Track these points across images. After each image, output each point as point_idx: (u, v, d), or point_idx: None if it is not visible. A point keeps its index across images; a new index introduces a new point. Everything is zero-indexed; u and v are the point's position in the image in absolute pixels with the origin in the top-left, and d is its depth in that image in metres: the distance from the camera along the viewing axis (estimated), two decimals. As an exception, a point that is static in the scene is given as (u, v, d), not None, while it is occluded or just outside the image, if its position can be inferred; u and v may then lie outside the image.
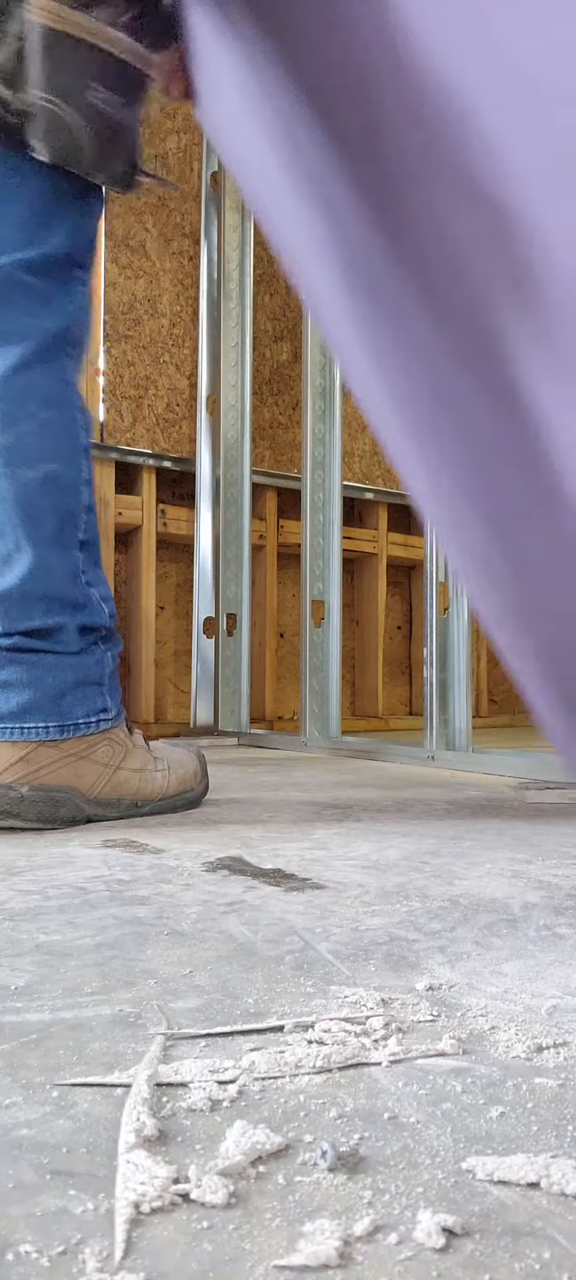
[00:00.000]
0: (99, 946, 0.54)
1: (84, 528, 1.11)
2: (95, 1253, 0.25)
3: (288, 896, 0.67)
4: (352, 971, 0.50)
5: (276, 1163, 0.30)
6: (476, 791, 1.37)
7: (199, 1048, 0.40)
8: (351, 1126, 0.33)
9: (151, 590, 3.13)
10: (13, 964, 0.51)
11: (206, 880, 0.73)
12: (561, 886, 0.71)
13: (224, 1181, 0.29)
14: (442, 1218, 0.27)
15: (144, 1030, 0.41)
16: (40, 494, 1.06)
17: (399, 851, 0.87)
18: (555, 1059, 0.39)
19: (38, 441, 1.06)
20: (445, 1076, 0.37)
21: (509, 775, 1.63)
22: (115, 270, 3.16)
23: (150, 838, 0.94)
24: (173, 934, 0.57)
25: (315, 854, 0.85)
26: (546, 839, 0.94)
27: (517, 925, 0.60)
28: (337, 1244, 0.25)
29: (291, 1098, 0.35)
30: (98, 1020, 0.43)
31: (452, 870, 0.78)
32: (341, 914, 0.63)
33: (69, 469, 1.08)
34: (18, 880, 0.73)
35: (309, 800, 1.29)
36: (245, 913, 0.62)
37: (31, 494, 1.06)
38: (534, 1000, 0.46)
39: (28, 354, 1.06)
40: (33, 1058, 0.39)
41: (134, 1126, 0.32)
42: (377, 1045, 0.40)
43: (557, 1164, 0.29)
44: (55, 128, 0.98)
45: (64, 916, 0.61)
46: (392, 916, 0.62)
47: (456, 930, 0.59)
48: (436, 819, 1.09)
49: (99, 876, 0.74)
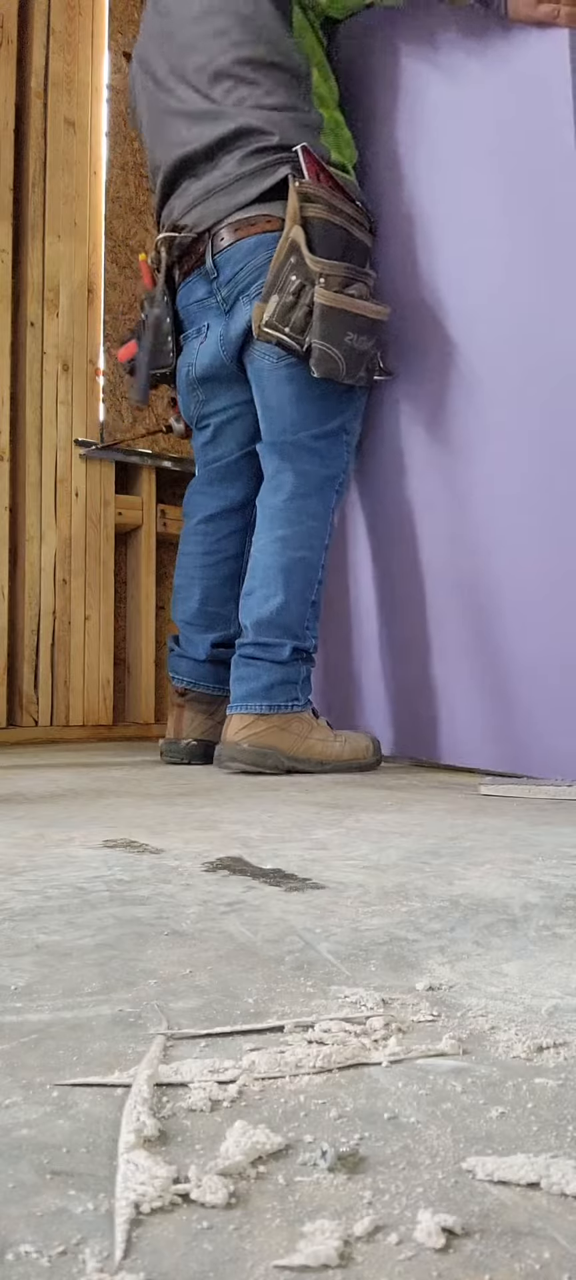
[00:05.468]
0: (99, 946, 0.54)
1: (316, 593, 1.79)
2: (95, 1253, 0.25)
3: (288, 896, 0.67)
4: (353, 971, 0.50)
5: (276, 1163, 0.30)
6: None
7: (199, 1048, 0.40)
8: (351, 1126, 0.33)
9: (151, 590, 3.13)
10: (13, 964, 0.51)
11: (206, 880, 0.73)
12: (561, 886, 0.71)
13: (224, 1181, 0.29)
14: (443, 1218, 0.27)
15: (144, 1030, 0.41)
16: (296, 566, 1.76)
17: (399, 851, 0.87)
18: (555, 1059, 0.39)
19: (301, 539, 1.77)
20: (445, 1077, 0.37)
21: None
22: (115, 270, 3.16)
23: (150, 838, 0.94)
24: (173, 934, 0.57)
25: (315, 854, 0.85)
26: (546, 839, 0.94)
27: (518, 925, 0.60)
28: (338, 1244, 0.25)
29: (291, 1098, 0.35)
30: (98, 1020, 0.43)
31: (452, 870, 0.78)
32: (341, 914, 0.63)
33: (314, 555, 1.78)
34: (18, 880, 0.73)
35: (309, 800, 1.29)
36: (245, 913, 0.62)
37: (291, 564, 1.76)
38: (534, 1000, 0.46)
39: (308, 488, 1.79)
40: (33, 1058, 0.38)
41: (134, 1126, 0.32)
42: (378, 1045, 0.40)
43: (558, 1164, 0.29)
44: (324, 359, 1.69)
45: (64, 916, 0.61)
46: (393, 916, 0.62)
47: (456, 930, 0.59)
48: (436, 819, 1.09)
49: (99, 876, 0.74)
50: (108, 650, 3.03)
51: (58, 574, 2.91)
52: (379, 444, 1.98)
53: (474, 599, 1.72)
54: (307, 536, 1.77)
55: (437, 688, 1.81)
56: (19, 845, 0.89)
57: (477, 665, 1.71)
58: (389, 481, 1.96)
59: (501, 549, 1.66)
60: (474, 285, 1.74)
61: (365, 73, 1.99)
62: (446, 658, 1.79)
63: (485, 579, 1.70)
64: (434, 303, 1.83)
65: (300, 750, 1.72)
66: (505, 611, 1.65)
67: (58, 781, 1.55)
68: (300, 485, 1.78)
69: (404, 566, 1.90)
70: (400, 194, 1.90)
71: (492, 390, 1.69)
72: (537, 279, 1.59)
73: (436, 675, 1.82)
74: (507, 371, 1.66)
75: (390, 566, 1.95)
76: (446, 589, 1.79)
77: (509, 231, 1.65)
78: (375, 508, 2.00)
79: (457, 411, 1.77)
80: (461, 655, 1.75)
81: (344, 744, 1.75)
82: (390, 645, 1.95)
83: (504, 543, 1.65)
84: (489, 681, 1.69)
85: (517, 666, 1.62)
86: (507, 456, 1.65)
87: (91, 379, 3.02)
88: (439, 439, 1.82)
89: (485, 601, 1.70)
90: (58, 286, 2.97)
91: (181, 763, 1.95)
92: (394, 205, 1.91)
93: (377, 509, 2.00)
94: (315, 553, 1.78)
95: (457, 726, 1.77)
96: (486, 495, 1.70)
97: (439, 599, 1.81)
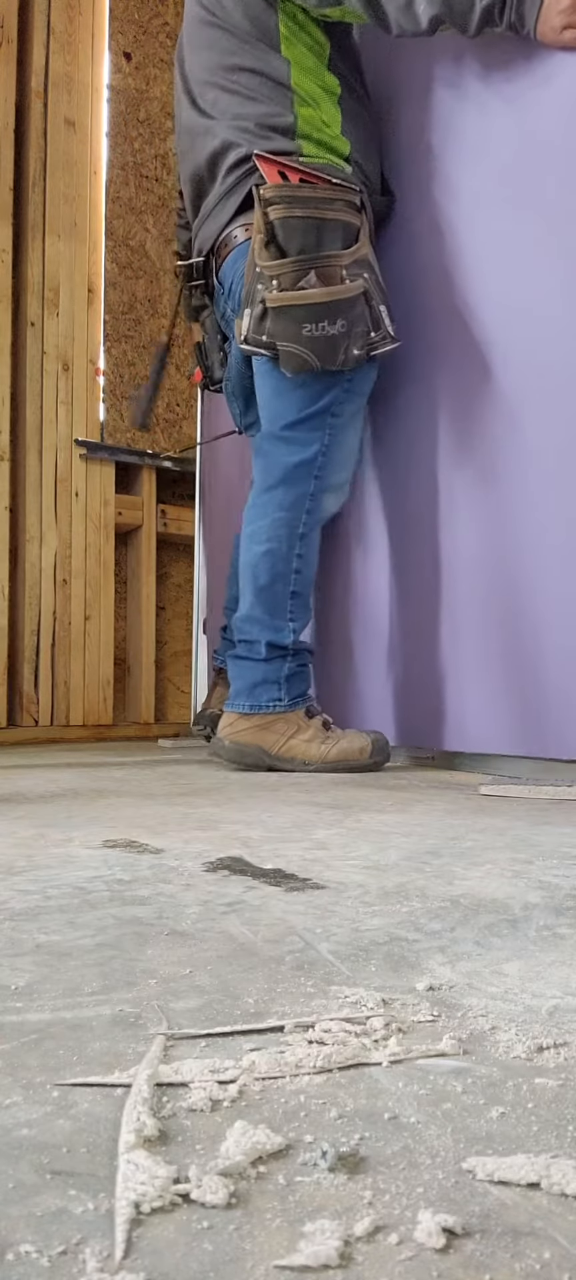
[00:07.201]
0: (99, 946, 0.54)
1: (294, 584, 1.79)
2: (95, 1253, 0.25)
3: (288, 897, 0.67)
4: (353, 971, 0.50)
5: (277, 1163, 0.30)
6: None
7: (199, 1048, 0.40)
8: (352, 1127, 0.33)
9: (151, 590, 3.13)
10: (13, 964, 0.51)
11: (207, 880, 0.73)
12: (561, 887, 0.71)
13: (224, 1181, 0.28)
14: (443, 1218, 0.26)
15: (144, 1030, 0.41)
16: (261, 561, 1.78)
17: (399, 852, 0.87)
18: (555, 1059, 0.39)
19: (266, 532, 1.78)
20: (445, 1077, 0.37)
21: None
22: (115, 270, 3.16)
23: (151, 838, 0.94)
24: (173, 934, 0.57)
25: (315, 854, 0.85)
26: (546, 839, 0.94)
27: (518, 925, 0.60)
28: (338, 1244, 0.25)
29: (292, 1098, 0.35)
30: (98, 1020, 0.43)
31: (453, 870, 0.78)
32: (342, 914, 0.63)
33: (282, 546, 1.77)
34: (18, 880, 0.73)
35: (310, 800, 1.29)
36: (245, 913, 0.62)
37: (256, 559, 1.78)
38: (534, 1000, 0.46)
39: (273, 480, 1.79)
40: (33, 1058, 0.38)
41: (134, 1126, 0.32)
42: (378, 1045, 0.40)
43: (558, 1164, 0.29)
44: (289, 357, 1.72)
45: (64, 916, 0.61)
46: (393, 917, 0.62)
47: (457, 930, 0.59)
48: (437, 819, 1.09)
49: (99, 876, 0.74)
50: (108, 650, 3.03)
51: (58, 574, 2.90)
52: (391, 433, 1.98)
53: (487, 582, 1.71)
54: (273, 528, 1.77)
55: (448, 673, 1.80)
56: (19, 845, 0.89)
57: (490, 648, 1.70)
58: (399, 468, 1.96)
59: (515, 530, 1.65)
60: (488, 272, 1.74)
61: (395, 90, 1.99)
62: (457, 642, 1.79)
63: (498, 562, 1.69)
64: (453, 295, 1.83)
65: (281, 750, 1.75)
66: (520, 593, 1.64)
67: (58, 781, 1.55)
68: (266, 478, 1.80)
69: (414, 552, 1.90)
70: (431, 208, 1.89)
71: (506, 379, 1.69)
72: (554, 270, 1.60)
73: (446, 660, 1.81)
74: (523, 359, 1.66)
75: (401, 552, 1.95)
76: (457, 573, 1.79)
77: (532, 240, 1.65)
78: (385, 495, 2.01)
79: (472, 400, 1.77)
80: (472, 639, 1.74)
81: (333, 745, 1.75)
82: (401, 631, 1.95)
83: (518, 524, 1.65)
84: (501, 664, 1.68)
85: (530, 648, 1.61)
86: (524, 442, 1.65)
87: (91, 379, 3.02)
88: (453, 427, 1.82)
89: (499, 584, 1.69)
90: (58, 286, 2.97)
91: (204, 730, 2.21)
92: (425, 214, 1.91)
93: (388, 496, 2.00)
94: (282, 543, 1.77)
95: (467, 712, 1.76)
96: (500, 479, 1.69)
97: (450, 583, 1.81)
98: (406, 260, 1.94)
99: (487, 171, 1.75)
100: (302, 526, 1.79)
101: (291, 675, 1.78)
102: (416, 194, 1.93)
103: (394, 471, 1.98)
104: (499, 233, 1.72)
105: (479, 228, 1.77)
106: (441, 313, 1.84)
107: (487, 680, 1.70)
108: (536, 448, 1.61)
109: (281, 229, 1.73)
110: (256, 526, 1.79)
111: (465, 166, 1.81)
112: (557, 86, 1.60)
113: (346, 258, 1.74)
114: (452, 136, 1.84)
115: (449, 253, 1.84)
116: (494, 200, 1.73)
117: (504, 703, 1.66)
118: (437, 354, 1.86)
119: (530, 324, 1.64)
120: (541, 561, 1.60)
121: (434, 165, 1.89)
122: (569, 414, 1.55)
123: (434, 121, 1.89)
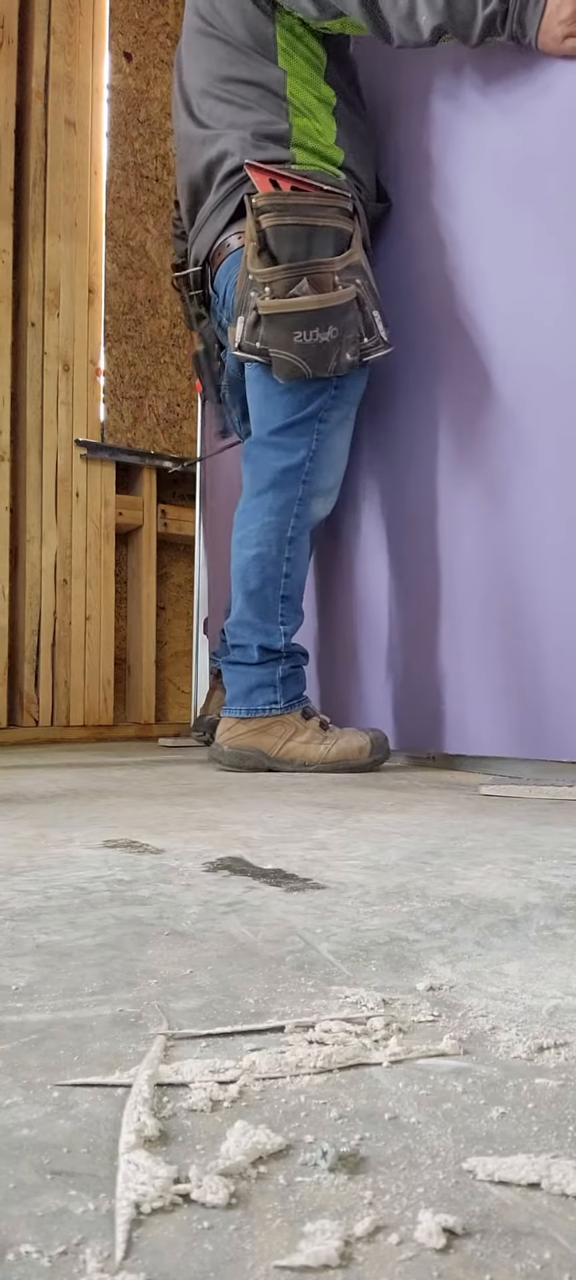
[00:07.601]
0: (100, 947, 0.54)
1: (284, 588, 1.80)
2: (96, 1253, 0.25)
3: (288, 897, 0.67)
4: (353, 972, 0.50)
5: (277, 1163, 0.30)
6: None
7: (199, 1048, 0.40)
8: (352, 1127, 0.33)
9: (152, 591, 3.13)
10: (13, 964, 0.51)
11: (207, 880, 0.73)
12: (562, 887, 0.71)
13: (225, 1182, 0.28)
14: (443, 1218, 0.26)
15: (144, 1030, 0.41)
16: (250, 565, 1.79)
17: (400, 852, 0.87)
18: (556, 1059, 0.39)
19: (255, 536, 1.79)
20: (446, 1077, 0.37)
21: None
22: (115, 270, 3.16)
23: (151, 838, 0.94)
24: (173, 934, 0.57)
25: (316, 854, 0.85)
26: (547, 839, 0.94)
27: (518, 926, 0.60)
28: (338, 1244, 0.25)
29: (292, 1098, 0.35)
30: (98, 1020, 0.43)
31: (453, 870, 0.78)
32: (342, 914, 0.63)
33: (271, 550, 1.78)
34: (18, 880, 0.73)
35: (310, 800, 1.29)
36: (246, 913, 0.62)
37: (245, 564, 1.79)
38: (534, 1001, 0.46)
39: (262, 484, 1.80)
40: (33, 1058, 0.38)
41: (135, 1127, 0.32)
42: (378, 1045, 0.40)
43: (558, 1164, 0.29)
44: (281, 364, 1.73)
45: (65, 917, 0.61)
46: (393, 917, 0.62)
47: (457, 930, 0.59)
48: (437, 819, 1.09)
49: (99, 876, 0.74)
50: (108, 650, 3.03)
51: (58, 574, 2.90)
52: (391, 436, 1.98)
53: (487, 584, 1.71)
54: (262, 533, 1.78)
55: (447, 675, 1.80)
56: (20, 845, 0.89)
57: (490, 649, 1.70)
58: (397, 470, 1.96)
59: (515, 531, 1.65)
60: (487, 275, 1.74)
61: (394, 99, 2.00)
62: (457, 644, 1.79)
63: (497, 562, 1.69)
64: (453, 301, 1.83)
65: (280, 753, 1.77)
66: (520, 594, 1.64)
67: (58, 781, 1.55)
68: (255, 483, 1.82)
69: (415, 554, 1.90)
70: (434, 216, 1.89)
71: (505, 382, 1.69)
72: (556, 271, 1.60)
73: (447, 661, 1.81)
74: (522, 363, 1.66)
75: (401, 554, 1.95)
76: (457, 574, 1.79)
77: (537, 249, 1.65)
78: (385, 497, 2.01)
79: (471, 402, 1.77)
80: (472, 641, 1.74)
81: (332, 745, 1.76)
82: (401, 633, 1.95)
83: (518, 524, 1.65)
84: (501, 665, 1.68)
85: (531, 650, 1.61)
86: (523, 442, 1.65)
87: (92, 379, 3.02)
88: (453, 429, 1.82)
89: (498, 586, 1.69)
90: (58, 286, 2.97)
91: (203, 735, 2.25)
92: (424, 221, 1.91)
93: (386, 500, 2.00)
94: (272, 548, 1.78)
95: (467, 715, 1.76)
96: (500, 479, 1.69)
97: (450, 585, 1.81)
98: (405, 266, 1.94)
99: (486, 179, 1.75)
100: (291, 530, 1.80)
101: (286, 677, 1.80)
102: (415, 201, 1.93)
103: (394, 473, 1.98)
104: (498, 238, 1.72)
105: (478, 234, 1.77)
106: (441, 318, 1.84)
107: (487, 681, 1.70)
108: (536, 448, 1.62)
109: (273, 236, 1.74)
110: (246, 531, 1.81)
111: (464, 174, 1.81)
112: (556, 95, 1.60)
113: (338, 264, 1.75)
114: (452, 144, 1.84)
115: (448, 259, 1.84)
116: (493, 206, 1.73)
117: (503, 704, 1.66)
118: (437, 359, 1.86)
119: (530, 328, 1.64)
120: (541, 562, 1.59)
121: (433, 173, 1.89)
122: (568, 415, 1.55)
123: (433, 130, 1.89)
